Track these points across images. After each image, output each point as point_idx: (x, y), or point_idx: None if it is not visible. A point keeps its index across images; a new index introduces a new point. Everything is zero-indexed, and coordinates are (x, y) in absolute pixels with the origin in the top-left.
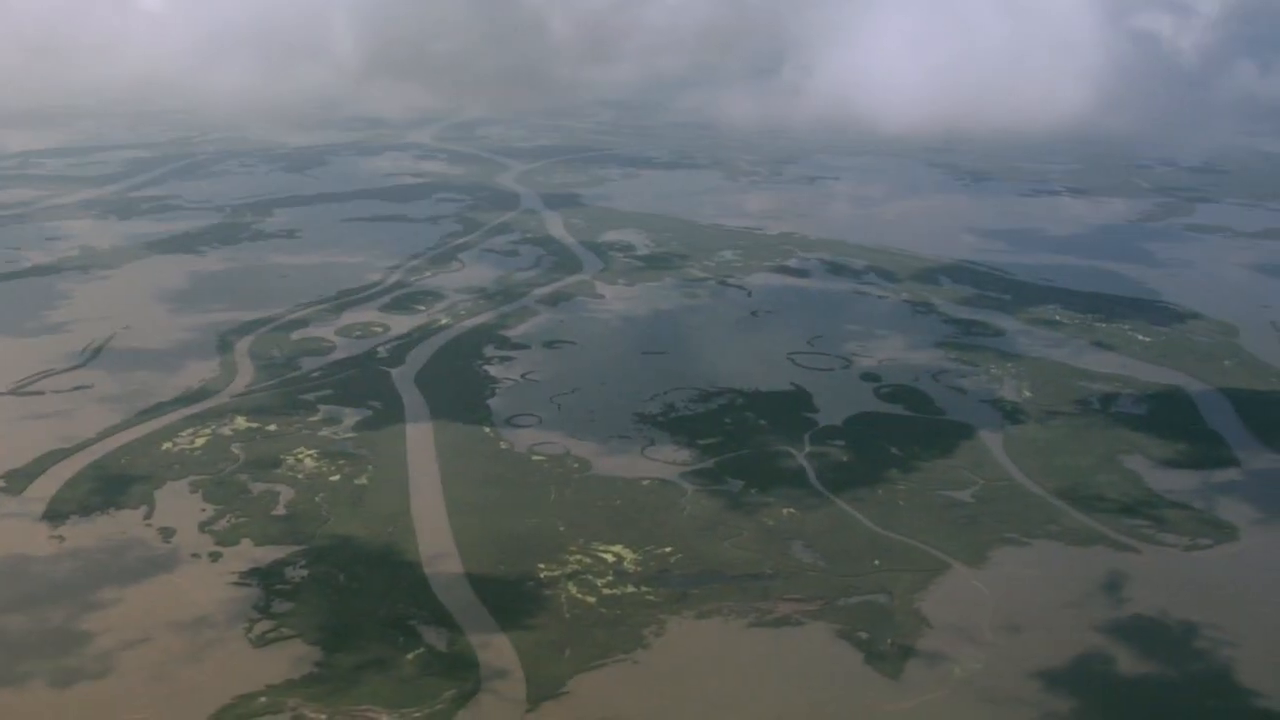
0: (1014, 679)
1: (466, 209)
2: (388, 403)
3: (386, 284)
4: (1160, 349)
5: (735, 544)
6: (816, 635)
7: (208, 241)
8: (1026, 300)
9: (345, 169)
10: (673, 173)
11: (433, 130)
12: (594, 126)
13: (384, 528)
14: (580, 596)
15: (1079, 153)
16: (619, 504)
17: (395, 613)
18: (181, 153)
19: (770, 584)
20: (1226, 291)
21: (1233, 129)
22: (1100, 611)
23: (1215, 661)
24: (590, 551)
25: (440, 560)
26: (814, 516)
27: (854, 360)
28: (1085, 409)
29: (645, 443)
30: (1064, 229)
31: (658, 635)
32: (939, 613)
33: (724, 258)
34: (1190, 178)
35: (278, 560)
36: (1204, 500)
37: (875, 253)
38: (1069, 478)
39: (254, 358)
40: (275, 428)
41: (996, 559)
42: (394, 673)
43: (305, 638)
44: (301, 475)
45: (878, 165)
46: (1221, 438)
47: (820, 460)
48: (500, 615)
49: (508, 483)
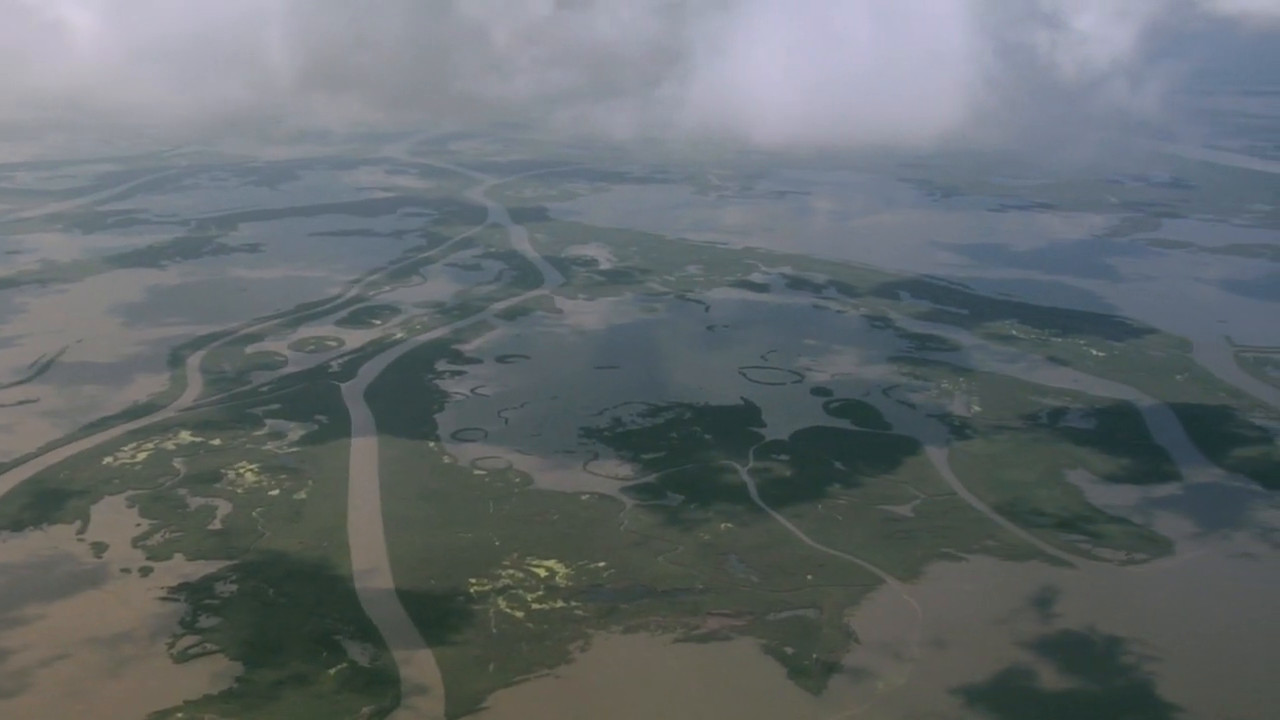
0: (936, 695)
1: (432, 223)
2: (334, 417)
3: (344, 298)
4: (1113, 364)
5: (669, 559)
6: (742, 650)
7: (169, 255)
8: (985, 315)
9: (316, 183)
10: (644, 187)
11: (406, 145)
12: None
13: (318, 542)
14: (509, 611)
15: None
16: (556, 519)
17: (321, 628)
18: (152, 166)
19: (700, 599)
20: (1184, 307)
21: (1103, 142)
22: (1029, 627)
23: (1138, 677)
24: (523, 566)
25: (371, 575)
26: (751, 531)
27: (806, 375)
28: (1033, 424)
29: (589, 457)
30: (1028, 244)
31: (583, 650)
32: (868, 628)
33: (686, 272)
34: (1158, 193)
35: (208, 575)
36: (1143, 515)
37: (838, 267)
38: (1010, 492)
39: (204, 372)
40: (219, 442)
41: (931, 574)
42: (313, 688)
43: (228, 653)
44: (241, 490)
45: (849, 181)
46: (1166, 452)
47: (762, 475)
48: (426, 630)
49: (447, 497)
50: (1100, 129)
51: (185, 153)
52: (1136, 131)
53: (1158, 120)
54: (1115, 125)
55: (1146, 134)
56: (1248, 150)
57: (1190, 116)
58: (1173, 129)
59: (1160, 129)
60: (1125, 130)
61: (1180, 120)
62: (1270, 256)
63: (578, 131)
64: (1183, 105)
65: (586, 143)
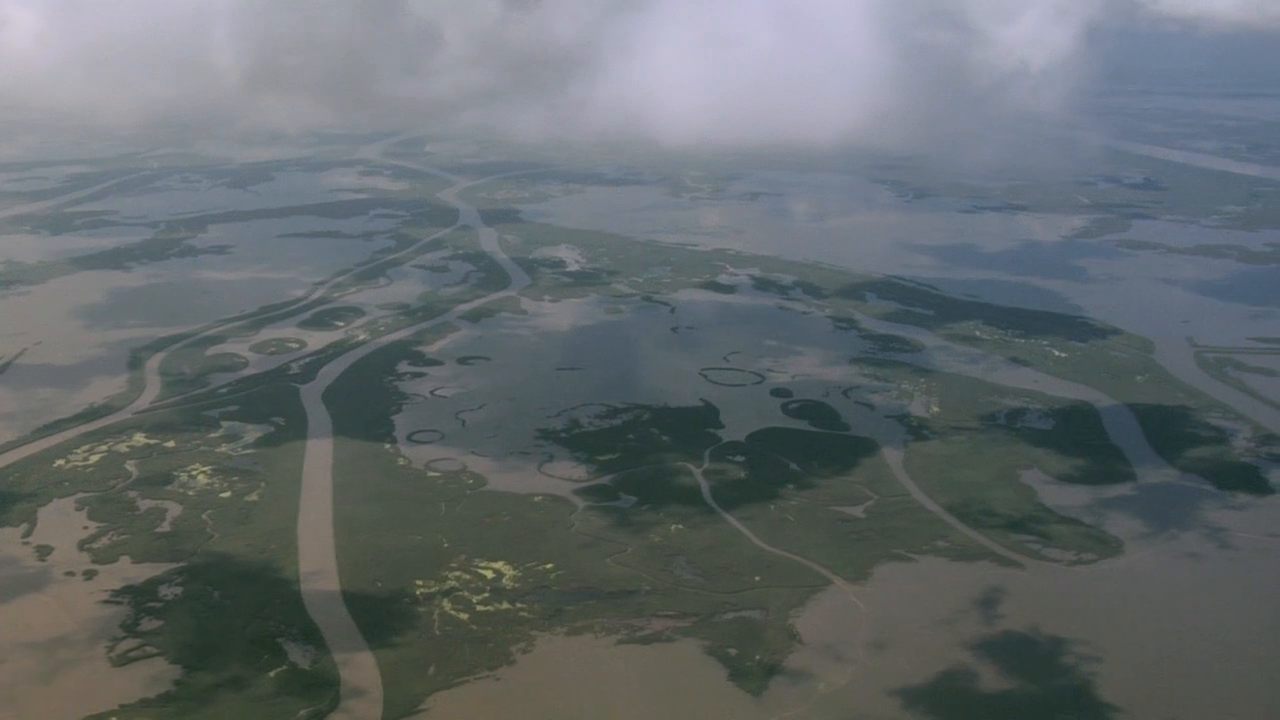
0: (875, 697)
1: (403, 225)
2: (291, 419)
3: (309, 300)
4: (1074, 364)
5: (617, 560)
6: (685, 652)
7: (136, 257)
8: (949, 316)
9: (289, 185)
10: (617, 189)
11: (381, 146)
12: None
13: (266, 544)
14: (453, 613)
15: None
16: (507, 520)
17: (264, 630)
18: (125, 168)
19: (646, 600)
20: (1149, 307)
21: (1006, 144)
22: (972, 628)
23: (1077, 677)
24: (470, 568)
25: (317, 577)
26: (701, 533)
27: (767, 376)
28: (990, 425)
29: (544, 459)
30: (998, 245)
31: (525, 652)
32: (812, 629)
33: (653, 274)
34: (1130, 194)
35: (153, 578)
36: (1094, 515)
37: (806, 268)
38: (963, 493)
39: (163, 374)
40: (173, 444)
41: (879, 575)
42: (250, 691)
43: (168, 656)
44: (192, 492)
45: (823, 182)
46: (1122, 453)
47: (717, 477)
48: (369, 633)
49: (399, 499)
50: (1005, 129)
51: (158, 155)
52: (1043, 131)
53: (1064, 119)
54: (1022, 125)
55: (1052, 133)
56: (1222, 151)
57: (1096, 116)
58: (1078, 128)
59: (1066, 128)
60: (1031, 130)
61: (1085, 119)
62: (1237, 257)
63: (484, 133)
64: (1089, 105)
65: (493, 145)
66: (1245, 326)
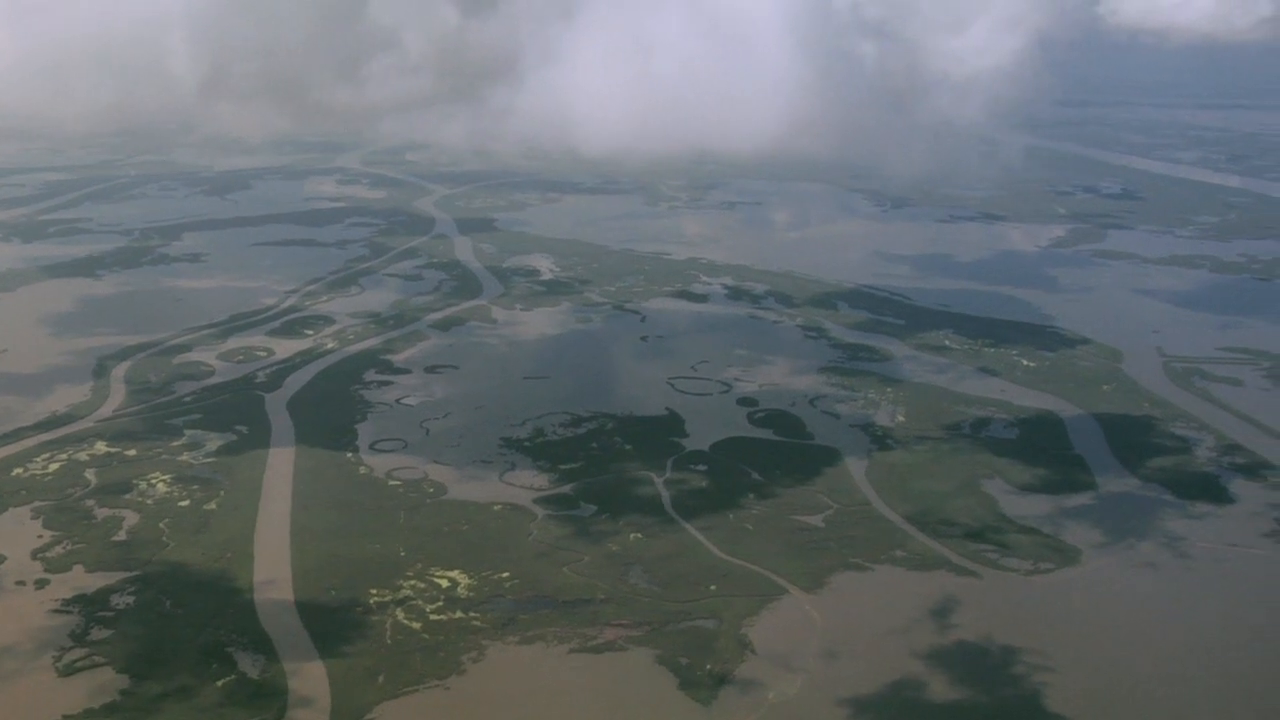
0: (824, 706)
1: (378, 233)
2: (255, 427)
3: (280, 309)
4: (1042, 374)
5: (574, 569)
6: (636, 661)
7: (108, 265)
8: (920, 325)
9: (267, 193)
10: (595, 198)
11: (361, 154)
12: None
13: (222, 553)
14: (406, 622)
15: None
16: (466, 529)
17: (214, 640)
18: (102, 176)
19: (601, 609)
20: (1120, 317)
21: (930, 151)
22: (925, 637)
23: (1027, 687)
24: (426, 577)
25: (271, 586)
26: (659, 542)
27: (734, 385)
28: (955, 434)
29: (506, 468)
30: (973, 255)
31: (476, 661)
32: (765, 639)
33: (626, 283)
34: (1107, 204)
35: (105, 587)
36: (1053, 525)
37: (779, 277)
38: (924, 503)
39: (128, 382)
40: (134, 453)
41: (835, 584)
42: (196, 701)
43: (115, 666)
44: (151, 501)
45: (801, 191)
46: (1084, 462)
47: (678, 486)
48: (321, 642)
49: (358, 508)
50: (929, 137)
51: (136, 162)
52: (965, 140)
53: (985, 129)
54: (945, 133)
55: (975, 143)
56: (1201, 162)
57: (1015, 125)
58: (998, 138)
59: (987, 138)
60: (953, 138)
61: (1004, 129)
62: (1210, 268)
63: (405, 142)
64: (1021, 114)
65: (414, 151)
66: (1214, 336)
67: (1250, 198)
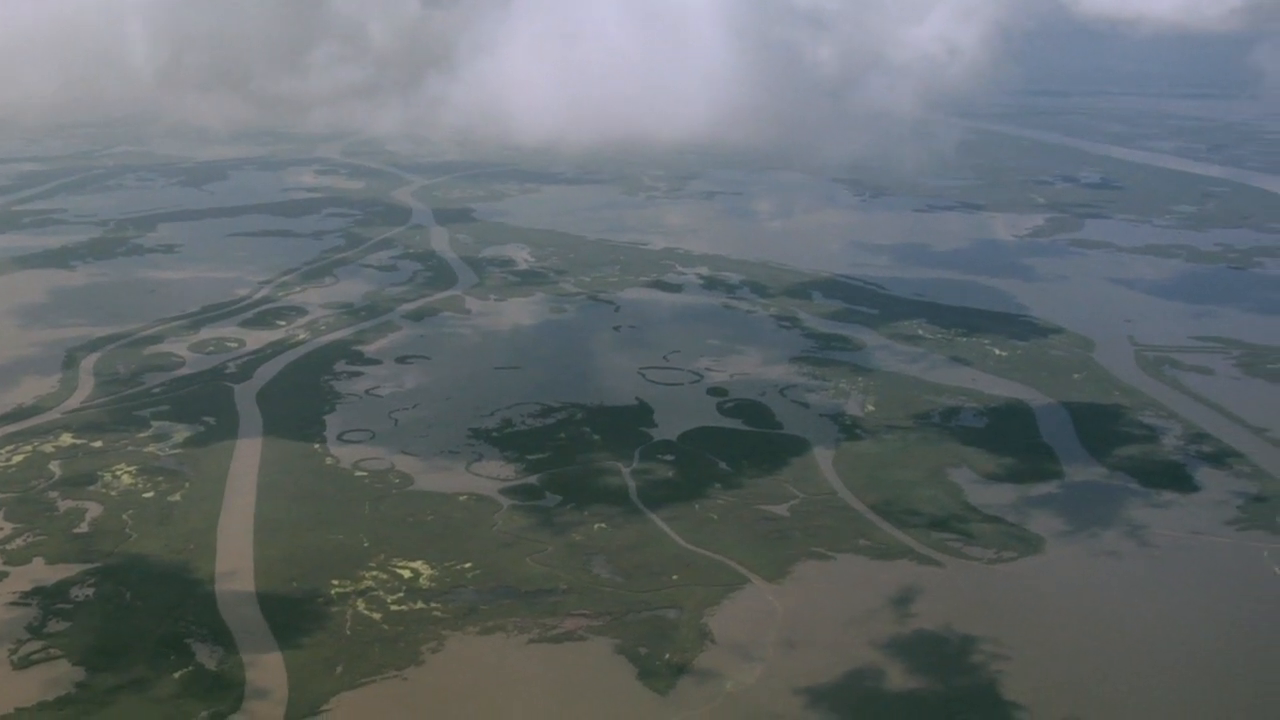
0: (781, 696)
1: (355, 224)
2: (223, 419)
3: (253, 299)
4: (1014, 363)
5: (537, 560)
6: (596, 651)
7: (81, 256)
8: (894, 315)
9: (245, 183)
10: (574, 188)
11: (341, 145)
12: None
13: (184, 545)
14: (366, 613)
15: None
16: (430, 519)
17: (173, 631)
18: (79, 166)
19: (562, 599)
20: (1093, 306)
21: (865, 141)
22: (885, 627)
23: (984, 676)
24: (388, 567)
25: (233, 578)
26: (624, 532)
27: (705, 375)
28: (924, 423)
29: (473, 458)
30: (950, 244)
31: (435, 652)
32: (726, 628)
33: (601, 273)
34: (1086, 194)
35: (65, 579)
36: (1018, 513)
37: (755, 267)
38: (889, 492)
39: (97, 374)
40: (100, 444)
41: (797, 574)
42: (152, 693)
43: (71, 658)
44: (115, 492)
45: (781, 181)
46: (1052, 451)
47: (644, 476)
48: (280, 633)
49: (323, 499)
50: (865, 127)
51: (114, 153)
52: (900, 129)
53: (918, 118)
54: (882, 122)
55: (909, 132)
56: (1181, 152)
57: (950, 114)
58: (932, 127)
59: (920, 127)
60: (891, 127)
61: (939, 117)
62: (1185, 257)
63: (336, 130)
64: (957, 104)
65: (342, 141)
66: (1187, 325)
67: (1229, 187)
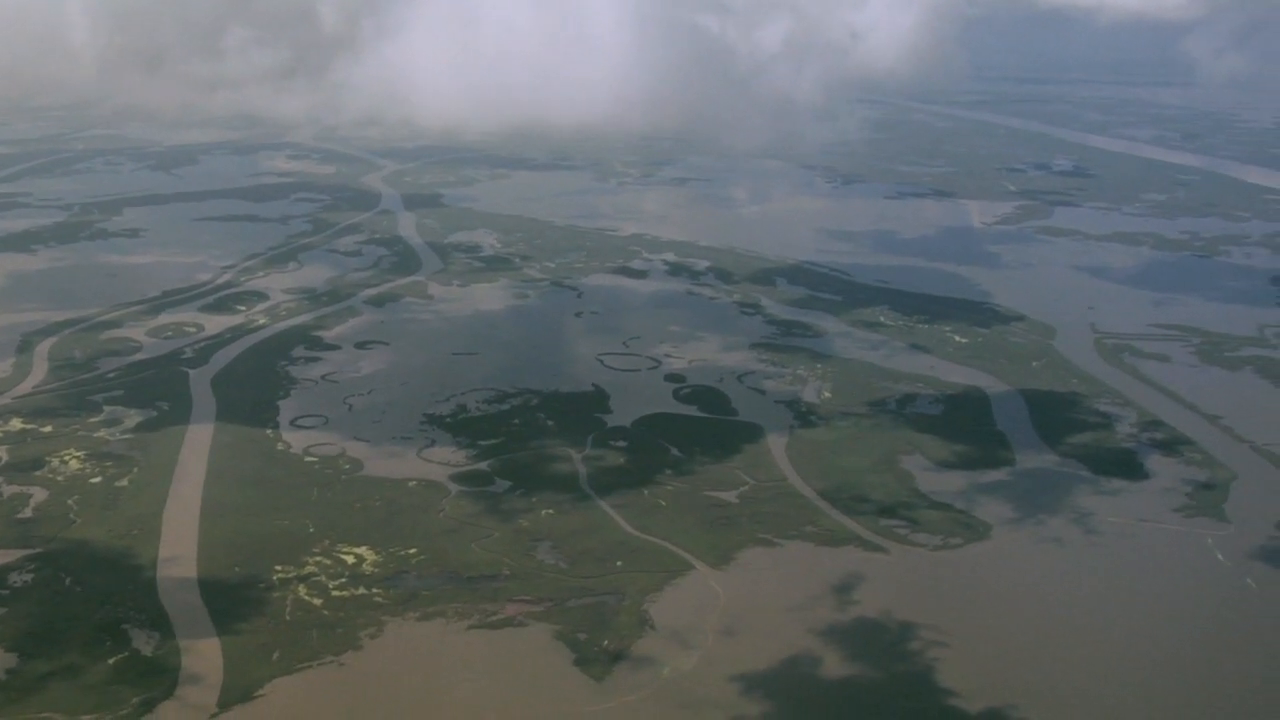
0: (717, 682)
1: (322, 209)
2: (176, 404)
3: (214, 284)
4: (973, 350)
5: (482, 545)
6: (535, 637)
7: (44, 240)
8: (857, 302)
9: (215, 168)
10: (545, 174)
11: (314, 130)
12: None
13: (128, 530)
14: (307, 599)
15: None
16: (377, 505)
17: (111, 617)
18: (47, 150)
19: (504, 585)
20: (1056, 294)
21: (772, 127)
22: (825, 613)
23: (921, 662)
24: (332, 553)
25: (175, 563)
26: (570, 518)
27: (664, 361)
28: (878, 410)
29: (425, 443)
30: (917, 231)
31: (373, 637)
32: (665, 615)
33: (566, 259)
34: (1057, 181)
35: (4, 565)
36: (966, 500)
37: (721, 253)
38: (840, 479)
39: (51, 359)
40: (50, 429)
41: (742, 560)
42: (84, 679)
43: (3, 644)
44: (61, 478)
45: (753, 168)
46: (1005, 438)
47: (595, 463)
48: (219, 619)
49: (271, 484)
50: (772, 110)
51: (84, 137)
52: (802, 116)
53: (822, 105)
54: (782, 109)
55: (812, 118)
56: (1155, 140)
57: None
58: (836, 113)
59: (824, 113)
60: (791, 114)
61: (843, 105)
62: (1152, 245)
63: (237, 114)
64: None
65: (246, 125)
66: (1149, 313)
67: (1200, 175)
